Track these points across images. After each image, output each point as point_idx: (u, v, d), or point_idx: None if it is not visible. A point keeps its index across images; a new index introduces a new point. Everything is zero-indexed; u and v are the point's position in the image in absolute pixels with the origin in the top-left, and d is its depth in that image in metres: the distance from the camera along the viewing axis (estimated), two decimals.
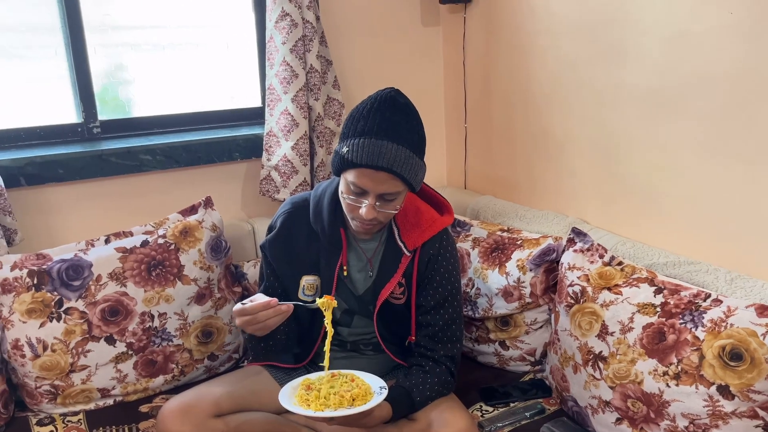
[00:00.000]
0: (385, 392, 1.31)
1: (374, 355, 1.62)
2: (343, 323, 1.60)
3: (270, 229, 1.59)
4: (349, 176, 1.37)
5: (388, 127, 1.34)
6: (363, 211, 1.38)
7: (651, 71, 1.63)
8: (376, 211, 1.38)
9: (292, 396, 1.32)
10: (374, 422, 1.37)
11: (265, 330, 1.38)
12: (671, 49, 1.58)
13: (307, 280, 1.55)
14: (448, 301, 1.54)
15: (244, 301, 1.37)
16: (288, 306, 1.36)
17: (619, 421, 1.45)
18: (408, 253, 1.51)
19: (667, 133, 1.63)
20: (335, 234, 1.51)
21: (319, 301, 1.38)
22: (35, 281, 1.59)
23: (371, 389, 1.32)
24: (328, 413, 1.25)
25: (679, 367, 1.34)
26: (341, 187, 1.43)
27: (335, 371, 1.38)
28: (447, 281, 1.54)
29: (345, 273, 1.53)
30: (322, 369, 1.49)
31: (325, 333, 1.41)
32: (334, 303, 1.39)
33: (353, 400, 1.28)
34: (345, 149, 1.36)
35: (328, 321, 1.38)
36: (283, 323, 1.41)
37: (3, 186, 1.65)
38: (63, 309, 1.60)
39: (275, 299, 1.34)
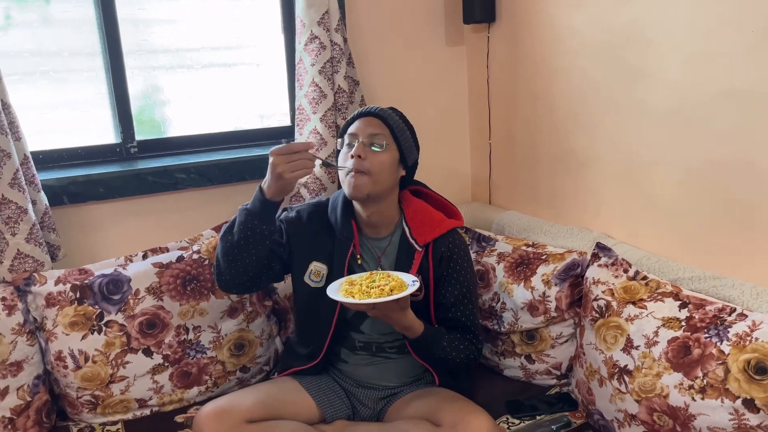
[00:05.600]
0: (417, 284, 1.44)
1: (398, 357, 1.67)
2: (361, 316, 1.65)
3: (285, 209, 1.71)
4: (346, 134, 1.58)
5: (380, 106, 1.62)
6: (353, 149, 1.52)
7: (672, 91, 1.66)
8: (365, 150, 1.52)
9: (338, 291, 1.45)
10: (407, 321, 1.48)
11: (297, 172, 1.43)
12: (692, 69, 1.61)
13: (316, 266, 1.63)
14: (467, 297, 1.62)
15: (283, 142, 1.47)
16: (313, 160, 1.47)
17: None
18: (419, 248, 1.59)
19: (690, 151, 1.65)
20: (347, 225, 1.62)
21: None
22: (78, 295, 1.66)
23: (405, 283, 1.45)
24: (371, 300, 1.38)
25: (705, 381, 1.36)
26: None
27: (373, 271, 1.50)
28: (463, 278, 1.62)
29: (359, 261, 1.61)
30: (339, 369, 1.67)
31: (335, 328, 1.58)
32: None
33: (391, 291, 1.40)
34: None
35: None
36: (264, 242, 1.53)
37: (47, 204, 1.73)
38: (104, 322, 1.67)
39: (313, 142, 1.49)
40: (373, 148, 1.54)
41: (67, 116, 1.95)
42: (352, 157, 1.52)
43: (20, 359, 1.59)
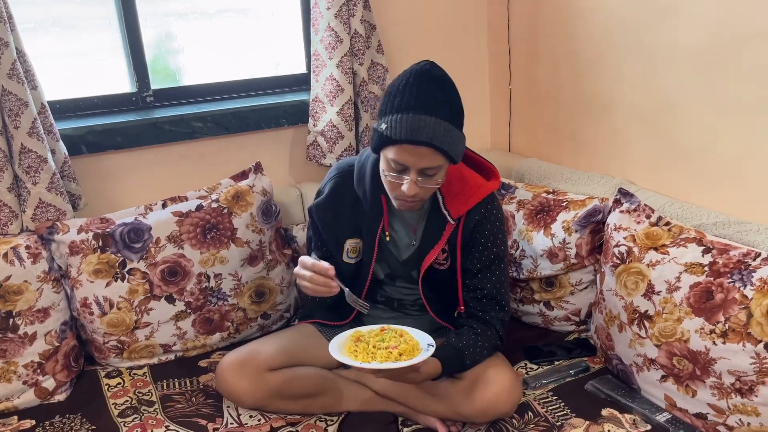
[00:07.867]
0: (432, 349, 1.35)
1: (419, 315, 1.67)
2: (387, 284, 1.65)
3: (318, 193, 1.64)
4: (390, 153, 1.38)
5: (425, 101, 1.33)
6: (405, 187, 1.39)
7: (703, 31, 1.60)
8: (417, 187, 1.38)
9: (342, 347, 1.37)
10: (422, 378, 1.41)
11: (313, 293, 1.45)
12: (725, 8, 1.54)
13: (351, 243, 1.59)
14: (495, 263, 1.55)
15: (306, 260, 1.47)
16: (335, 288, 1.44)
17: (664, 378, 1.47)
18: (452, 222, 1.52)
19: (719, 94, 1.59)
20: (376, 200, 1.54)
21: None
22: (100, 243, 1.68)
23: (419, 345, 1.36)
24: (374, 365, 1.30)
25: (727, 326, 1.35)
26: (381, 165, 1.44)
27: (385, 326, 1.43)
28: (492, 244, 1.55)
29: (387, 238, 1.57)
30: (360, 318, 1.60)
31: (367, 292, 1.50)
32: None
33: (400, 355, 1.32)
34: (384, 126, 1.36)
35: None
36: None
37: (67, 153, 1.74)
38: (126, 270, 1.69)
39: (332, 269, 1.43)
40: (425, 175, 1.38)
41: (82, 65, 1.93)
42: (403, 190, 1.40)
43: (47, 306, 1.63)
